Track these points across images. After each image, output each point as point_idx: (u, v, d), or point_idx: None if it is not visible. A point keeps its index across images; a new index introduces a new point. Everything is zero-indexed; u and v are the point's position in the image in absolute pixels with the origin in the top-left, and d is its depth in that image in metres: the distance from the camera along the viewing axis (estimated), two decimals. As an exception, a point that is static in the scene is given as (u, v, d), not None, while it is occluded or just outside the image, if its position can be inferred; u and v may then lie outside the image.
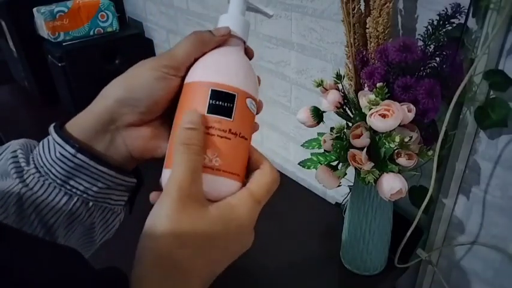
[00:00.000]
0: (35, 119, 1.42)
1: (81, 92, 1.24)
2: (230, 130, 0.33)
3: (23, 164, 0.33)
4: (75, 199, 0.34)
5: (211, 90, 0.33)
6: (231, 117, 0.33)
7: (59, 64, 1.19)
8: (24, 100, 1.50)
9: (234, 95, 0.33)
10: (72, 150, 0.33)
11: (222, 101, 0.33)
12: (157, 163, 0.37)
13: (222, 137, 0.32)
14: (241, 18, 0.37)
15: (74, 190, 0.34)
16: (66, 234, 0.35)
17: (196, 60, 0.36)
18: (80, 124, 0.35)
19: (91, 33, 1.25)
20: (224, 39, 0.36)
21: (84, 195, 0.34)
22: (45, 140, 0.35)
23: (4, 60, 1.53)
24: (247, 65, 0.36)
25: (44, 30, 1.19)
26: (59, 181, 0.33)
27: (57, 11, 1.17)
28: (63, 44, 1.21)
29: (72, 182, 0.34)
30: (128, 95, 0.34)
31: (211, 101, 0.33)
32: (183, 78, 0.36)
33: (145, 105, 0.35)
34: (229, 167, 0.33)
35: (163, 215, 0.29)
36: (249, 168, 0.35)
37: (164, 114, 0.37)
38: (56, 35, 1.19)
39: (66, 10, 1.19)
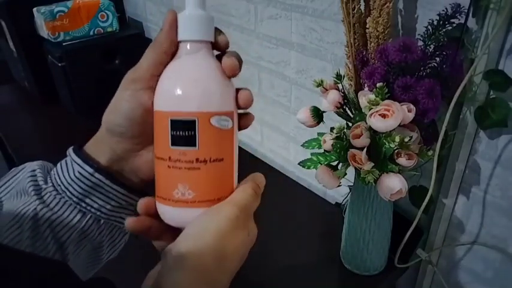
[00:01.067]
0: (35, 119, 1.41)
1: (81, 92, 1.24)
2: (198, 159, 0.31)
3: (41, 183, 0.36)
4: (88, 216, 0.36)
5: (170, 120, 0.31)
6: (195, 146, 0.31)
7: (59, 64, 1.18)
8: (24, 100, 1.50)
9: (194, 121, 0.31)
10: (91, 170, 0.35)
11: (182, 131, 0.31)
12: None
13: (189, 168, 0.31)
14: (197, 15, 0.32)
15: (88, 208, 0.36)
16: (75, 250, 0.36)
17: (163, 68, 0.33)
18: (93, 151, 0.36)
19: (91, 33, 1.25)
20: (171, 27, 0.33)
21: (98, 213, 0.36)
22: (63, 161, 0.37)
23: (4, 60, 1.53)
24: (211, 73, 0.32)
25: (44, 30, 1.19)
26: (75, 199, 0.35)
27: (57, 11, 1.17)
28: (63, 44, 1.21)
29: (87, 200, 0.36)
30: (110, 124, 0.35)
31: (172, 132, 0.31)
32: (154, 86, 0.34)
33: (128, 129, 0.34)
34: (204, 196, 0.32)
35: (216, 232, 0.30)
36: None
37: None
38: (56, 35, 1.19)
39: (66, 10, 1.19)
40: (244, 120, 0.35)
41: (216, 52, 0.35)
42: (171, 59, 0.34)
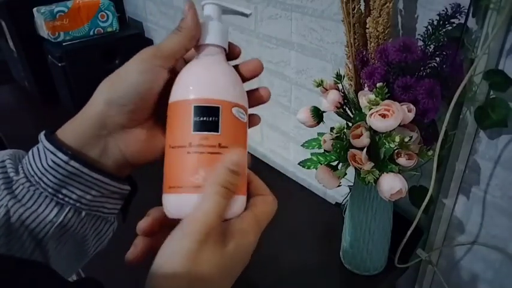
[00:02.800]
0: (35, 119, 1.41)
1: (81, 92, 1.24)
2: (220, 144, 0.32)
3: (11, 174, 0.32)
4: (67, 209, 0.33)
5: (194, 106, 0.32)
6: (218, 131, 0.32)
7: (59, 64, 1.19)
8: (24, 100, 1.50)
9: (218, 108, 0.32)
10: (65, 158, 0.32)
11: (206, 116, 0.32)
12: (150, 171, 0.37)
13: (212, 153, 0.32)
14: (217, 24, 0.35)
15: (66, 199, 0.33)
16: (56, 246, 0.34)
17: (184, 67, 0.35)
18: (71, 131, 0.34)
19: (91, 33, 1.25)
20: (194, 16, 0.34)
21: (78, 204, 0.33)
22: (35, 148, 0.33)
23: (4, 60, 1.53)
24: (229, 72, 0.35)
25: (44, 30, 1.19)
26: (50, 190, 0.32)
27: (57, 11, 1.17)
28: (63, 44, 1.21)
29: (64, 191, 0.33)
30: (114, 94, 0.33)
31: (195, 118, 0.32)
32: (170, 71, 0.34)
33: (132, 102, 0.33)
34: None
35: (183, 255, 0.28)
36: (249, 191, 0.34)
37: (156, 114, 0.35)
38: (56, 35, 1.19)
39: (66, 10, 1.19)
40: (252, 120, 0.37)
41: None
42: (189, 54, 0.35)
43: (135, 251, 0.34)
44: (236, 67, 0.36)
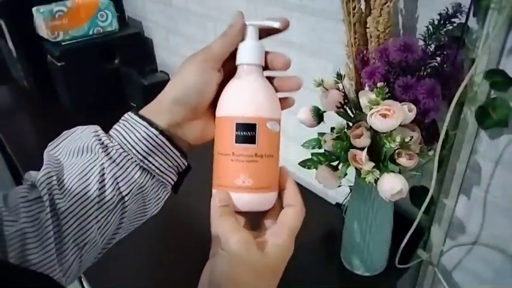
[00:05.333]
0: (34, 118, 1.41)
1: (80, 92, 1.24)
2: (256, 154, 0.39)
3: (106, 142, 0.39)
4: (147, 173, 0.41)
5: (236, 123, 0.39)
6: (255, 143, 0.39)
7: (58, 64, 1.18)
8: (23, 100, 1.50)
9: (255, 124, 0.39)
10: (156, 131, 0.40)
11: (246, 131, 0.39)
12: (198, 150, 0.44)
13: (250, 161, 0.39)
14: (256, 44, 0.41)
15: (149, 165, 0.40)
16: (132, 203, 0.41)
17: (230, 57, 0.41)
18: (151, 116, 0.41)
19: (90, 32, 1.24)
20: (241, 26, 0.40)
21: (157, 171, 0.41)
22: (122, 124, 0.41)
23: (3, 60, 1.52)
24: (265, 89, 0.40)
25: (43, 30, 1.19)
26: (140, 156, 0.40)
27: (57, 11, 1.17)
28: (63, 43, 1.20)
29: (149, 159, 0.40)
30: (179, 95, 0.40)
31: (237, 132, 0.39)
32: (220, 71, 0.41)
33: (194, 100, 0.40)
34: (259, 184, 0.39)
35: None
36: (283, 196, 0.41)
37: (211, 107, 0.42)
38: (55, 34, 1.19)
39: (65, 10, 1.18)
40: (285, 103, 0.43)
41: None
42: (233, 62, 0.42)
43: None
44: (278, 79, 0.43)
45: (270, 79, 0.42)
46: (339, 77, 0.57)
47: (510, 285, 0.65)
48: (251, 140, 0.39)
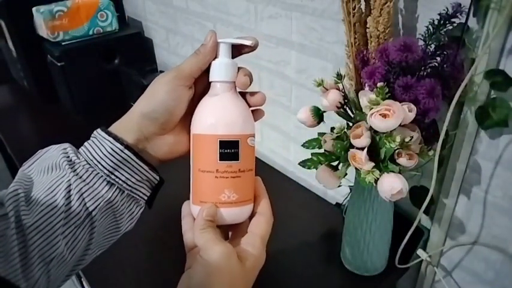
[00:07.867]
0: (34, 118, 1.41)
1: (80, 92, 1.24)
2: (239, 170, 0.40)
3: (73, 158, 0.40)
4: (115, 188, 0.41)
5: (219, 141, 0.40)
6: (238, 160, 0.40)
7: (58, 64, 1.18)
8: (23, 100, 1.50)
9: (238, 141, 0.40)
10: (121, 146, 0.40)
11: (230, 149, 0.40)
12: (172, 164, 0.45)
13: (234, 177, 0.40)
14: (228, 62, 0.42)
15: (116, 180, 0.41)
16: (101, 218, 0.41)
17: (203, 75, 0.42)
18: (118, 132, 0.42)
19: (90, 32, 1.24)
20: (214, 44, 0.41)
21: (124, 185, 0.41)
22: (90, 141, 0.42)
23: (3, 60, 1.52)
24: (242, 106, 0.42)
25: (43, 30, 1.19)
26: (106, 171, 0.40)
27: (57, 11, 1.17)
28: (63, 43, 1.20)
29: (116, 173, 0.41)
30: (148, 110, 0.41)
31: (221, 150, 0.40)
32: (191, 88, 0.42)
33: (163, 116, 0.41)
34: (243, 197, 0.41)
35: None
36: (255, 208, 0.43)
37: (181, 123, 0.43)
38: (55, 34, 1.19)
39: (65, 10, 1.18)
40: (257, 115, 0.45)
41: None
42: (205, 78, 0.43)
43: None
44: (248, 95, 0.43)
45: (242, 95, 0.43)
46: (339, 77, 0.57)
47: (510, 285, 0.65)
48: (235, 156, 0.40)
